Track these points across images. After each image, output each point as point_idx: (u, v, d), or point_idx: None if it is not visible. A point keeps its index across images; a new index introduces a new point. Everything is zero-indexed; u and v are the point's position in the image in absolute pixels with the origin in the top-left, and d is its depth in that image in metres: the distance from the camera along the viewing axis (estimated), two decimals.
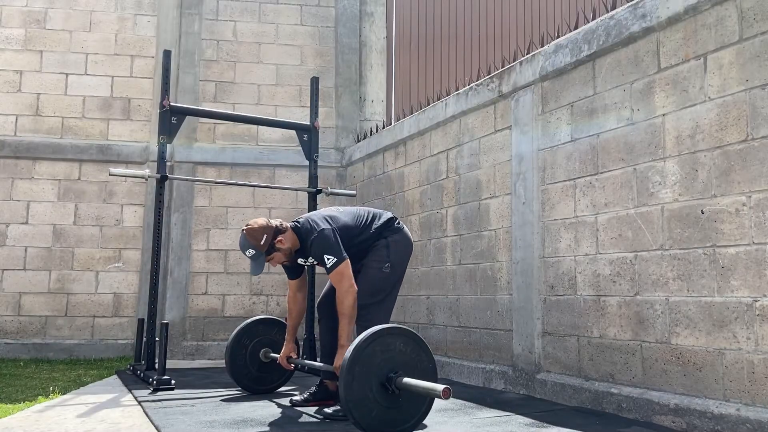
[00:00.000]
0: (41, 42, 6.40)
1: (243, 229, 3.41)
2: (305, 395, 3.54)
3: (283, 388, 4.08)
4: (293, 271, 3.59)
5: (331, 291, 3.50)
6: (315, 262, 3.46)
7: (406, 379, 2.64)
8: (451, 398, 3.68)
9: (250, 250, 3.35)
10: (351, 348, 2.68)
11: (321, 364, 3.46)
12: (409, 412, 2.73)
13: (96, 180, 6.31)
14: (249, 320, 4.05)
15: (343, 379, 2.62)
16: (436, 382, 2.76)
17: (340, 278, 3.21)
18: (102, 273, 6.22)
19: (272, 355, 3.90)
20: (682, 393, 2.89)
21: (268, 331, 4.01)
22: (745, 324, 2.64)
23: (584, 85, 3.60)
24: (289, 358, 3.65)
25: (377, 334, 2.72)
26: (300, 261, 3.52)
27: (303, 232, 3.39)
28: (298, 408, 3.44)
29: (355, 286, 3.22)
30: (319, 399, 3.50)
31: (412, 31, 7.58)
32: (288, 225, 3.46)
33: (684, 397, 2.87)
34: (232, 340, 3.95)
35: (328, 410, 3.19)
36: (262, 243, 3.33)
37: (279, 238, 3.37)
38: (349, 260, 3.26)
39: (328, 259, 3.23)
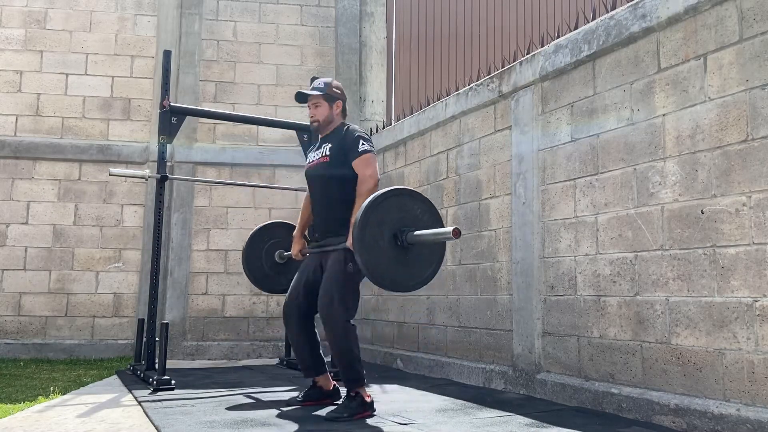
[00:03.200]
0: (41, 42, 6.40)
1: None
2: (300, 395, 3.60)
3: (283, 389, 4.09)
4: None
5: (301, 288, 3.47)
6: (325, 155, 3.49)
7: (417, 232, 2.78)
8: (451, 398, 3.70)
9: (321, 83, 3.59)
10: (371, 197, 2.85)
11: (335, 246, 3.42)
12: (414, 271, 2.86)
13: (96, 180, 6.31)
14: (269, 222, 4.54)
15: (359, 223, 2.76)
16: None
17: (367, 164, 3.35)
18: (102, 273, 6.22)
19: (286, 254, 4.27)
20: (682, 393, 2.89)
21: (286, 235, 4.32)
22: (745, 324, 2.64)
23: (584, 86, 3.60)
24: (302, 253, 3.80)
25: (399, 191, 2.89)
26: (312, 155, 3.63)
27: (347, 125, 3.57)
28: (295, 407, 3.46)
29: (378, 176, 3.37)
30: (314, 399, 3.53)
31: (412, 31, 7.58)
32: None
33: (684, 397, 2.87)
34: (252, 235, 4.43)
35: (330, 411, 3.20)
36: (332, 89, 3.57)
37: (339, 104, 3.58)
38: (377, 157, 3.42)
39: (363, 144, 3.38)
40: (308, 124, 5.21)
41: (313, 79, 5.34)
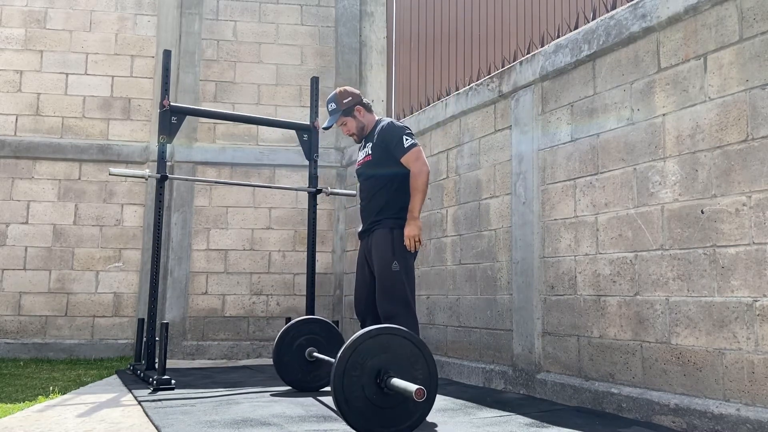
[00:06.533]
0: (41, 42, 6.40)
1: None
2: None
3: (283, 388, 4.08)
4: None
5: (364, 291, 3.54)
6: (368, 154, 3.56)
7: (394, 380, 2.58)
8: (451, 398, 3.70)
9: (332, 104, 3.67)
10: (355, 336, 2.64)
11: None
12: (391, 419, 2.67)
13: (96, 180, 6.31)
14: (300, 318, 4.20)
15: (337, 364, 2.58)
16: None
17: (416, 157, 3.42)
18: (102, 273, 6.22)
19: (316, 354, 4.01)
20: (682, 393, 2.89)
21: (318, 331, 4.14)
22: (745, 324, 2.64)
23: (584, 85, 3.60)
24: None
25: (387, 330, 2.70)
26: (359, 154, 3.71)
27: (381, 120, 3.63)
28: (295, 405, 3.46)
29: (428, 166, 3.46)
30: None
31: (412, 31, 7.57)
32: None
33: (684, 397, 2.87)
34: (282, 333, 4.10)
35: None
36: (344, 102, 3.63)
37: (359, 108, 3.65)
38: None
39: (407, 139, 3.44)
40: (308, 123, 5.26)
41: (313, 80, 5.37)
